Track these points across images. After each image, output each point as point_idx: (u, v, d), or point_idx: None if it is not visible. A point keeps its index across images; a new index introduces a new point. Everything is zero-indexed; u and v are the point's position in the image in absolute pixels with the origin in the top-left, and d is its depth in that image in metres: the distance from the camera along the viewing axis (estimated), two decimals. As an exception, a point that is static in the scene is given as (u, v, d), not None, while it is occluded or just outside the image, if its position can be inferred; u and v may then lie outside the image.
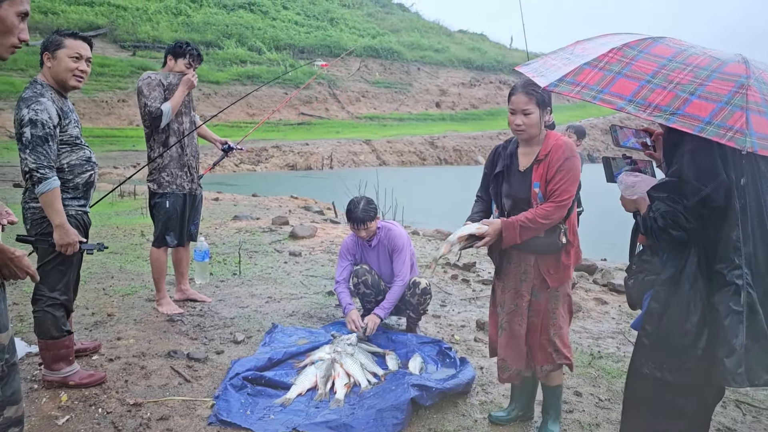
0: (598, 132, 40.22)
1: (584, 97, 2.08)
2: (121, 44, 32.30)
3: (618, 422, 3.44)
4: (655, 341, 2.18)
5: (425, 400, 3.37)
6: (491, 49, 52.09)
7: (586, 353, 4.55)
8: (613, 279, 6.93)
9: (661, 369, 2.16)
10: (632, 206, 2.33)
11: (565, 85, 2.14)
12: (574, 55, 2.34)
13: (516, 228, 2.89)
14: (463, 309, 5.45)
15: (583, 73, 2.14)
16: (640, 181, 2.28)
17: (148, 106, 4.39)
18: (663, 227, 2.08)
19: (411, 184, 19.41)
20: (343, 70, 39.00)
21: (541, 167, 2.92)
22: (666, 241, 2.13)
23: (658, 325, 2.17)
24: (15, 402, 2.08)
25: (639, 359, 2.25)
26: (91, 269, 5.97)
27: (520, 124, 2.94)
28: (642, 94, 2.02)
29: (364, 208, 4.34)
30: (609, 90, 2.06)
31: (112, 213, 9.79)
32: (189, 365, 3.81)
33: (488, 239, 2.96)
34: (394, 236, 4.48)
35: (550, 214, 2.85)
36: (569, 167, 2.89)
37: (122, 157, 18.78)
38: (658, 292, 2.18)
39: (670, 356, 2.14)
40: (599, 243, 10.42)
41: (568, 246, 3.00)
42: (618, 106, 2.02)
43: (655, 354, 2.18)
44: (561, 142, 2.94)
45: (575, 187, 2.92)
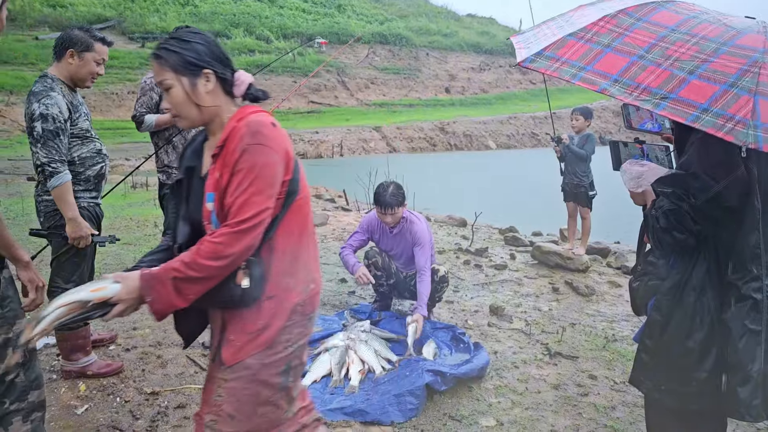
0: (610, 114, 39.81)
1: (562, 75, 1.74)
2: (130, 36, 32.34)
3: (633, 405, 3.45)
4: (654, 358, 1.90)
5: (440, 385, 3.38)
6: (500, 32, 51.56)
7: (601, 336, 4.53)
8: (626, 262, 6.89)
9: (659, 390, 1.88)
10: (641, 200, 2.01)
11: (543, 60, 1.78)
12: (568, 23, 1.96)
13: (167, 283, 1.69)
14: (476, 294, 5.44)
15: (567, 46, 1.78)
16: (647, 171, 1.92)
17: (134, 110, 4.41)
18: (665, 228, 1.77)
19: (422, 170, 19.35)
20: (351, 57, 38.84)
21: (216, 168, 1.80)
22: (668, 245, 1.81)
23: (659, 340, 1.88)
24: (38, 387, 2.15)
25: (637, 376, 1.99)
26: (105, 261, 6.02)
27: None
28: (631, 72, 1.67)
29: (393, 192, 4.30)
30: (592, 67, 1.71)
31: (125, 204, 9.85)
32: (204, 354, 3.84)
33: (121, 307, 1.70)
34: (417, 231, 4.40)
35: (221, 250, 1.69)
36: (251, 164, 1.73)
37: (134, 149, 18.86)
38: (661, 301, 1.88)
39: (670, 377, 1.86)
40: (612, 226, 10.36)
41: (259, 295, 1.79)
42: (599, 88, 1.67)
43: (653, 372, 1.90)
44: (243, 123, 1.79)
45: (267, 194, 1.75)
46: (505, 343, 4.29)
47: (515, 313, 4.94)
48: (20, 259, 2.09)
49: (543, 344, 4.28)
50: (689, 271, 1.81)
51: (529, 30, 2.17)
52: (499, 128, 33.95)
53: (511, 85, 45.49)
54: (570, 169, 6.50)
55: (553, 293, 5.63)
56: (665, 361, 1.87)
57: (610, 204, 7.44)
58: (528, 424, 3.19)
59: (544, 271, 6.34)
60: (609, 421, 3.27)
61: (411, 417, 3.16)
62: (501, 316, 4.81)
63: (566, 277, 6.07)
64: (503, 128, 34.15)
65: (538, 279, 6.07)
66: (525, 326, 4.64)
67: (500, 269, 6.34)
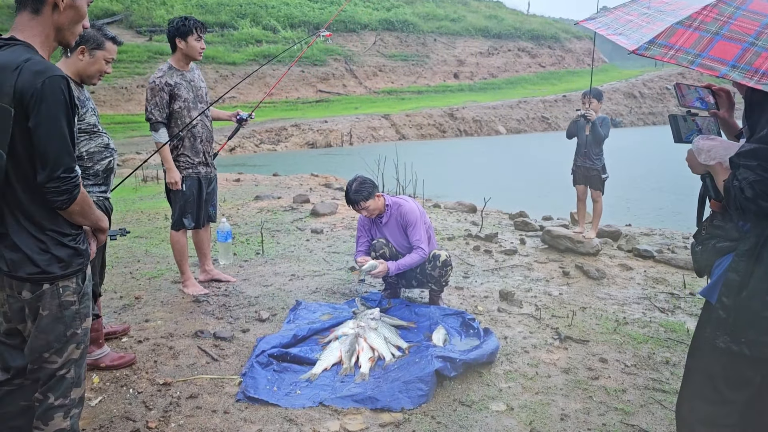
0: (621, 96, 39.40)
1: (680, 61, 1.88)
2: (138, 30, 32.32)
3: (644, 388, 3.44)
4: (733, 314, 2.06)
5: (449, 372, 3.39)
6: (508, 16, 51.00)
7: (611, 320, 4.52)
8: (638, 244, 6.84)
9: (738, 343, 2.05)
10: (702, 170, 2.19)
11: (657, 48, 1.91)
12: (653, 10, 2.10)
13: None
14: (486, 280, 5.44)
15: (676, 34, 1.91)
16: (717, 145, 2.11)
17: (148, 112, 4.46)
18: (752, 197, 1.92)
19: (431, 157, 19.29)
20: (359, 45, 38.64)
21: None
22: (753, 212, 1.97)
23: (737, 298, 2.04)
24: (80, 384, 2.20)
25: (712, 332, 2.14)
26: (117, 254, 6.07)
27: None
28: (746, 58, 1.80)
29: (355, 189, 4.36)
30: (708, 54, 1.85)
31: (137, 198, 9.91)
32: (215, 344, 3.87)
33: None
34: (405, 212, 4.47)
35: None
36: None
37: (144, 143, 18.92)
38: (738, 263, 2.05)
39: (751, 330, 2.03)
40: (623, 209, 10.30)
41: None
42: (721, 73, 1.82)
43: (733, 327, 2.07)
44: None
45: None
46: (515, 328, 4.29)
47: (525, 298, 4.93)
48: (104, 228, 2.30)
49: (553, 329, 4.28)
50: (767, 233, 2.00)
51: (599, 15, 2.30)
52: (508, 113, 33.72)
53: (519, 68, 45.08)
54: (581, 150, 6.45)
55: (563, 277, 5.61)
56: (746, 316, 2.04)
57: (620, 187, 7.39)
58: (538, 408, 3.20)
59: (555, 256, 6.32)
60: (620, 404, 3.27)
61: (421, 403, 3.17)
62: (511, 301, 4.80)
63: (577, 261, 6.05)
64: (513, 113, 33.91)
65: (549, 263, 6.05)
66: (535, 311, 4.63)
67: (510, 254, 6.32)
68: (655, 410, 3.22)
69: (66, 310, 2.09)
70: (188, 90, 4.54)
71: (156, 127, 4.45)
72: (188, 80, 4.57)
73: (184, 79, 4.54)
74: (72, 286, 2.10)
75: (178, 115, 4.50)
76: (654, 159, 17.92)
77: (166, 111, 4.46)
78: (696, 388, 2.26)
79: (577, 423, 3.07)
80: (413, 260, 4.41)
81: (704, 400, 2.20)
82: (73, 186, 2.01)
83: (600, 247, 6.49)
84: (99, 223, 2.25)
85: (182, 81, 4.52)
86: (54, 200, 1.99)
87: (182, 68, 4.57)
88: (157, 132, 4.46)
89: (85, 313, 2.16)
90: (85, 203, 2.09)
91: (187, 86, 4.54)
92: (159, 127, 4.45)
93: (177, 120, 4.51)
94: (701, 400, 2.21)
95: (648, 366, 3.76)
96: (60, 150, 1.97)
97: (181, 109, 4.50)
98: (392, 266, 4.38)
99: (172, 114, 4.49)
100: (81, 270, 2.13)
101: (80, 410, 2.21)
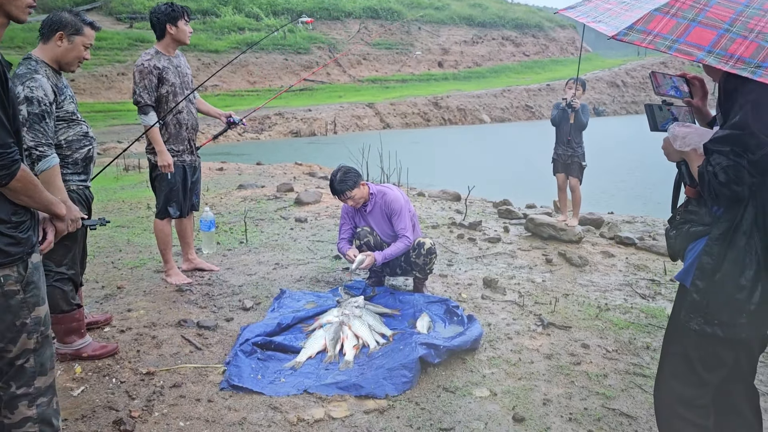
0: (604, 85, 39.65)
1: (658, 47, 1.94)
2: (117, 16, 31.84)
3: (625, 372, 3.48)
4: (707, 297, 2.12)
5: (433, 358, 3.41)
6: (492, 4, 50.93)
7: (594, 306, 4.57)
8: (619, 232, 6.91)
9: (711, 324, 2.12)
10: (677, 157, 2.25)
11: (636, 34, 1.97)
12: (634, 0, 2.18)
13: None
14: (470, 267, 5.47)
15: (654, 21, 1.98)
16: (692, 132, 2.17)
17: (137, 95, 4.41)
18: (725, 182, 1.98)
19: (415, 145, 19.30)
20: (343, 33, 38.41)
21: None
22: (726, 197, 2.03)
23: (710, 281, 2.11)
24: (44, 373, 2.15)
25: (686, 315, 2.20)
26: (99, 243, 6.01)
27: None
28: (722, 44, 1.87)
29: (340, 179, 4.36)
30: (685, 39, 1.91)
31: (118, 187, 9.81)
32: (199, 333, 3.86)
33: None
34: (390, 200, 4.48)
35: None
36: None
37: (125, 131, 18.70)
38: (711, 247, 2.11)
39: (723, 311, 2.10)
40: (605, 197, 10.38)
41: None
42: (697, 58, 1.87)
43: (706, 309, 2.13)
44: None
45: None
46: (499, 315, 4.32)
47: (509, 285, 4.96)
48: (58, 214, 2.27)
49: (536, 315, 4.32)
50: (739, 218, 2.06)
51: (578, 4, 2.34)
52: (492, 101, 33.79)
53: (504, 57, 45.13)
54: (564, 138, 6.50)
55: (546, 265, 5.66)
56: (718, 299, 2.10)
57: (601, 175, 7.46)
58: (521, 393, 3.23)
59: (538, 243, 6.37)
60: (601, 388, 3.31)
61: (405, 390, 3.19)
62: (495, 289, 4.83)
63: (559, 249, 6.10)
64: (497, 101, 33.99)
65: (532, 251, 6.10)
66: (518, 298, 4.67)
67: (494, 242, 6.35)
68: (635, 394, 3.26)
69: (11, 300, 2.03)
70: (175, 75, 4.50)
71: (145, 110, 4.40)
72: (175, 65, 4.53)
73: (171, 63, 4.50)
74: (13, 275, 2.03)
75: (165, 100, 4.46)
76: (636, 147, 18.06)
77: (155, 94, 4.42)
78: (673, 370, 2.31)
79: (559, 407, 3.10)
80: (398, 249, 4.42)
81: (682, 382, 2.25)
82: (10, 161, 1.93)
83: (582, 234, 6.55)
84: (51, 207, 2.19)
85: (169, 65, 4.48)
86: None
87: (169, 54, 4.53)
88: (146, 115, 4.40)
89: (33, 302, 2.10)
90: (28, 182, 2.03)
91: (174, 71, 4.50)
92: (148, 110, 4.40)
93: (163, 105, 4.47)
94: (679, 381, 2.26)
95: (629, 351, 3.81)
96: None
97: (168, 93, 4.45)
98: (379, 257, 4.39)
99: (159, 98, 4.45)
100: (20, 259, 2.05)
101: (50, 398, 2.17)
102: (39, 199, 2.12)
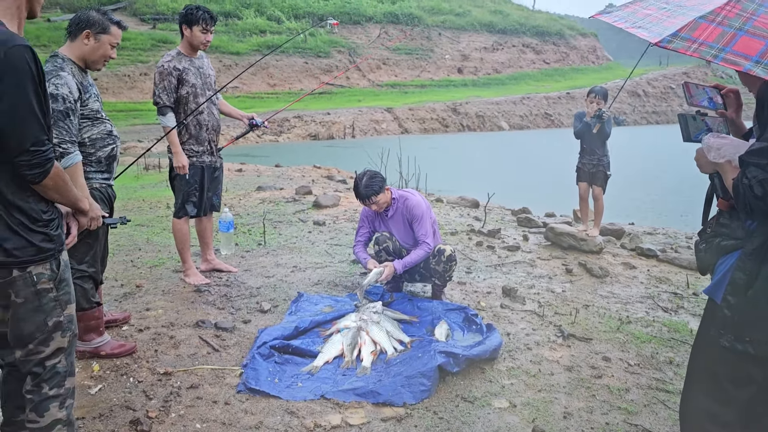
0: (625, 94, 39.30)
1: (703, 55, 1.91)
2: (141, 17, 32.21)
3: (647, 387, 3.41)
4: (738, 313, 2.08)
5: (452, 367, 3.37)
6: (514, 11, 50.82)
7: (615, 318, 4.49)
8: (641, 243, 6.81)
9: (742, 342, 2.06)
10: (711, 168, 2.19)
11: (680, 42, 1.93)
12: (673, 5, 2.13)
13: None
14: (489, 275, 5.41)
15: (700, 28, 1.94)
16: (728, 144, 2.11)
17: (156, 96, 4.45)
18: (761, 196, 1.94)
19: (434, 151, 19.25)
20: (363, 38, 38.50)
21: None
22: (761, 211, 1.99)
23: (743, 297, 2.06)
24: (72, 374, 2.18)
25: (715, 330, 2.15)
26: (119, 242, 6.04)
27: None
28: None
29: (366, 183, 4.31)
30: (731, 49, 1.88)
31: (138, 186, 9.88)
32: (217, 335, 3.85)
33: None
34: (411, 206, 4.44)
35: None
36: None
37: (146, 131, 18.88)
38: (745, 262, 2.06)
39: (756, 329, 2.05)
40: (627, 207, 10.26)
41: None
42: (744, 68, 1.83)
43: (738, 326, 2.08)
44: None
45: None
46: (518, 324, 4.27)
47: (528, 295, 4.90)
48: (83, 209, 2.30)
49: (556, 326, 4.25)
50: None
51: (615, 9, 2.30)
52: (512, 109, 33.65)
53: (524, 64, 44.97)
54: (590, 149, 6.43)
55: (566, 275, 5.58)
56: (751, 316, 2.05)
57: (623, 185, 7.36)
58: (541, 406, 3.17)
59: (558, 253, 6.29)
60: (623, 403, 3.24)
61: (423, 398, 3.14)
62: (514, 298, 4.78)
63: (580, 259, 6.02)
64: (516, 109, 33.84)
65: (552, 260, 6.03)
66: (538, 308, 4.61)
67: (513, 250, 6.29)
68: (658, 410, 3.19)
69: (43, 298, 2.03)
70: (196, 76, 4.52)
71: (164, 111, 4.43)
72: (197, 66, 4.55)
73: (193, 65, 4.52)
74: (47, 273, 2.04)
75: (185, 101, 4.48)
76: (657, 157, 17.87)
77: (174, 95, 4.44)
78: (701, 386, 2.26)
79: (579, 421, 3.04)
80: (419, 256, 4.38)
81: (709, 398, 2.20)
82: (45, 159, 1.94)
83: (603, 245, 6.47)
84: (78, 203, 2.20)
85: (190, 67, 4.50)
86: (26, 174, 1.93)
87: (190, 55, 4.55)
88: (164, 116, 4.44)
89: (65, 300, 2.10)
90: (60, 179, 2.04)
91: (195, 72, 4.51)
92: (167, 111, 4.44)
93: (184, 106, 4.49)
94: (706, 397, 2.21)
95: (651, 365, 3.73)
96: (27, 122, 1.90)
97: (188, 94, 4.47)
98: (398, 266, 4.35)
99: (179, 99, 4.47)
100: (53, 256, 2.07)
101: (73, 401, 2.18)
102: (68, 195, 2.13)
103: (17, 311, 2.01)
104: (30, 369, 2.05)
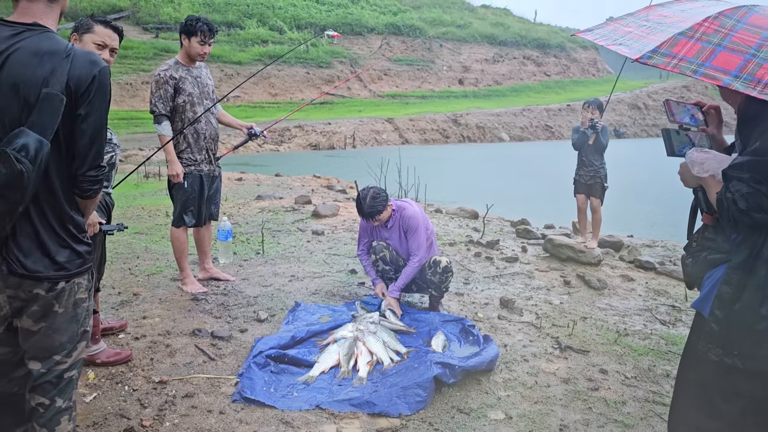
0: (625, 107, 39.45)
1: (683, 71, 1.92)
2: (144, 26, 32.37)
3: (644, 400, 3.40)
4: (726, 327, 2.07)
5: (448, 378, 3.36)
6: (515, 24, 51.08)
7: (612, 331, 4.48)
8: (639, 255, 6.81)
9: (730, 355, 2.05)
10: (694, 183, 2.21)
11: (660, 57, 1.95)
12: (652, 23, 2.16)
13: None
14: (487, 287, 5.41)
15: (679, 44, 1.96)
16: (710, 158, 2.13)
17: (152, 104, 4.48)
18: (745, 210, 1.94)
19: (434, 162, 19.28)
20: (364, 49, 38.66)
21: None
22: (745, 224, 2.00)
23: (730, 311, 2.05)
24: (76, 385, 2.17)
25: (703, 345, 2.14)
26: (117, 249, 6.04)
27: None
28: (749, 69, 1.85)
29: (369, 204, 4.30)
30: (710, 64, 1.90)
31: (138, 194, 9.89)
32: (213, 343, 3.84)
33: None
34: (407, 216, 4.45)
35: None
36: None
37: (147, 139, 18.90)
38: (731, 275, 2.06)
39: (744, 343, 2.04)
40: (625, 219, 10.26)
41: None
42: (724, 82, 1.86)
43: (725, 340, 2.07)
44: None
45: None
46: (515, 336, 4.26)
47: (526, 306, 4.90)
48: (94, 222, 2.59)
49: (553, 338, 4.25)
50: (759, 246, 2.01)
51: (598, 27, 2.33)
52: (512, 120, 33.73)
53: (524, 76, 45.13)
54: (587, 160, 6.45)
55: (564, 286, 5.58)
56: (738, 329, 2.04)
57: (622, 198, 7.36)
58: (537, 418, 3.16)
59: (556, 264, 6.29)
60: (620, 416, 3.23)
61: (419, 409, 3.13)
62: (511, 309, 4.77)
63: (578, 271, 6.02)
64: (516, 120, 33.92)
65: (550, 272, 6.02)
66: (535, 319, 4.60)
67: (511, 262, 6.29)
68: (655, 423, 3.18)
69: (79, 308, 2.03)
70: (193, 85, 4.54)
71: (159, 119, 4.46)
72: (194, 76, 4.57)
73: (190, 74, 4.54)
74: (84, 283, 2.05)
75: (182, 110, 4.50)
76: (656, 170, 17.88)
77: (170, 104, 4.46)
78: (689, 400, 2.25)
79: (576, 434, 3.03)
80: (408, 275, 4.43)
81: (698, 411, 2.19)
82: (104, 176, 2.04)
83: (601, 257, 6.46)
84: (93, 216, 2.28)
85: (188, 76, 4.52)
86: (88, 189, 1.99)
87: (188, 64, 4.57)
88: (160, 124, 4.47)
89: (92, 310, 2.13)
90: None
91: (192, 81, 4.53)
92: (162, 120, 4.47)
93: (180, 114, 4.51)
94: (695, 411, 2.20)
95: (648, 378, 3.72)
96: (103, 141, 2.01)
97: (185, 103, 4.49)
98: (395, 294, 4.43)
99: (176, 108, 4.49)
100: (92, 266, 2.11)
101: (76, 411, 2.17)
102: (93, 208, 2.20)
103: (54, 322, 1.98)
104: (45, 381, 2.00)
